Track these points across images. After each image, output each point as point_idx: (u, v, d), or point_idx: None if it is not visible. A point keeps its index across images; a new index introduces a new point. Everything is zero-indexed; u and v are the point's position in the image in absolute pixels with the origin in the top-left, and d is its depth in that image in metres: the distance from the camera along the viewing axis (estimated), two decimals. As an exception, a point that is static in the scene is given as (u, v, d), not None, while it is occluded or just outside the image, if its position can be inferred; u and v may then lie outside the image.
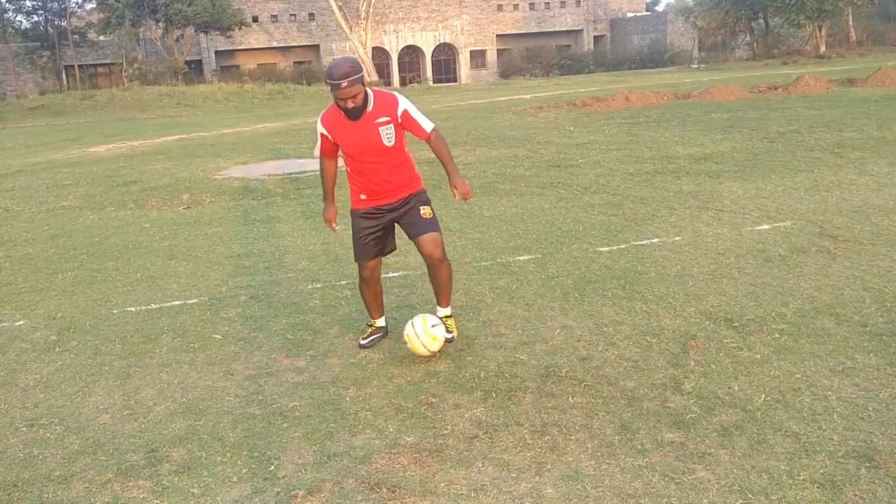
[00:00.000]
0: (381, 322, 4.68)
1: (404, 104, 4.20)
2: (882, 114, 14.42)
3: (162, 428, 3.73)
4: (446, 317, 4.54)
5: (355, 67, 3.98)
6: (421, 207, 4.34)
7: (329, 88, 4.02)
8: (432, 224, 4.34)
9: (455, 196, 4.29)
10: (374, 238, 4.41)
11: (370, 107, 4.11)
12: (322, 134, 4.29)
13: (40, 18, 51.50)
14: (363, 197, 4.36)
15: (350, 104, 4.01)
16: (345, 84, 3.92)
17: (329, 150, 4.37)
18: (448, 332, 4.43)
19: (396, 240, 4.60)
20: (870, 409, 3.47)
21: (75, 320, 5.43)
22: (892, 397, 3.56)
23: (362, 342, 4.57)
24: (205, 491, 3.16)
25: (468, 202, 4.67)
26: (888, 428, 3.29)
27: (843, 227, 6.57)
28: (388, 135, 4.17)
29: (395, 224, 4.44)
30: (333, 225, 4.58)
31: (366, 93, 4.07)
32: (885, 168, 9.07)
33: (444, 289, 4.49)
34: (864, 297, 4.86)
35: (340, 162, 4.46)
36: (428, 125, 4.25)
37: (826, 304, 4.79)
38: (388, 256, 4.70)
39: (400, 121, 4.19)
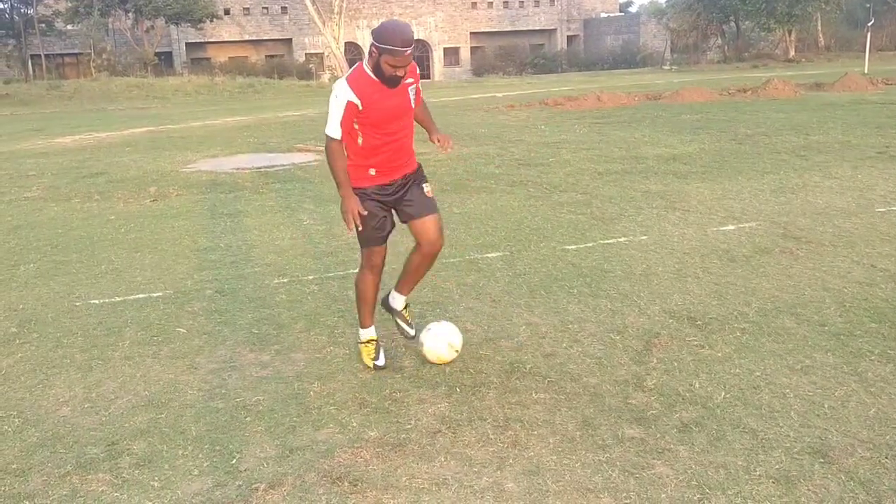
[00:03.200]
0: (372, 331, 4.18)
1: (417, 70, 3.98)
2: (847, 118, 14.67)
3: (123, 421, 3.69)
4: (405, 307, 4.31)
5: (413, 32, 3.73)
6: (424, 185, 4.03)
7: (381, 53, 3.62)
8: (435, 204, 4.07)
9: (438, 147, 4.07)
10: (381, 219, 3.98)
11: None
12: (350, 102, 3.72)
13: (6, 6, 50.57)
14: (373, 172, 3.90)
15: (402, 73, 3.71)
16: (409, 52, 3.62)
17: (350, 126, 3.81)
18: (411, 326, 4.29)
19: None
20: (826, 406, 3.53)
21: (37, 312, 5.35)
22: (847, 395, 3.63)
23: (378, 364, 4.08)
24: (165, 484, 3.14)
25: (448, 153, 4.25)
26: (842, 425, 3.36)
27: (807, 228, 6.68)
28: (412, 96, 3.93)
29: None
30: (357, 218, 3.80)
31: None
32: (849, 171, 9.23)
33: (418, 277, 4.21)
34: (824, 298, 4.95)
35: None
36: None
37: (787, 304, 4.86)
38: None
39: (418, 84, 4.00)
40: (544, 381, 3.93)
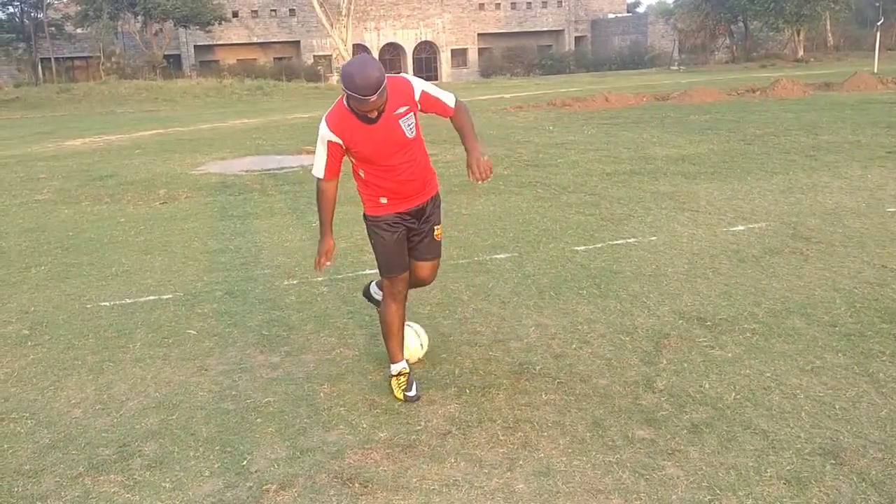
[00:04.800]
0: (405, 365, 3.95)
1: (419, 85, 3.64)
2: (857, 118, 14.61)
3: (134, 422, 3.71)
4: None
5: (382, 72, 3.33)
6: (435, 228, 3.87)
7: (346, 97, 3.42)
8: (438, 248, 3.93)
9: (469, 178, 3.64)
10: (402, 245, 3.83)
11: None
12: (332, 142, 3.57)
13: (16, 10, 50.84)
14: (384, 201, 3.74)
15: (374, 114, 3.44)
16: (374, 98, 3.31)
17: (335, 167, 3.66)
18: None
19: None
20: (837, 407, 3.52)
21: (48, 314, 5.38)
22: (859, 396, 3.62)
23: (409, 395, 3.81)
24: (177, 485, 3.15)
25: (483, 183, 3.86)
26: (854, 426, 3.35)
27: (816, 228, 6.66)
28: (409, 126, 3.60)
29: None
30: (325, 261, 3.84)
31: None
32: (858, 171, 9.19)
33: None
34: (834, 298, 4.93)
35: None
36: (451, 99, 3.72)
37: (797, 305, 4.85)
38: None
39: (420, 106, 3.63)
40: (554, 382, 3.93)
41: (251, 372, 4.24)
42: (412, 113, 3.62)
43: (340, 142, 3.56)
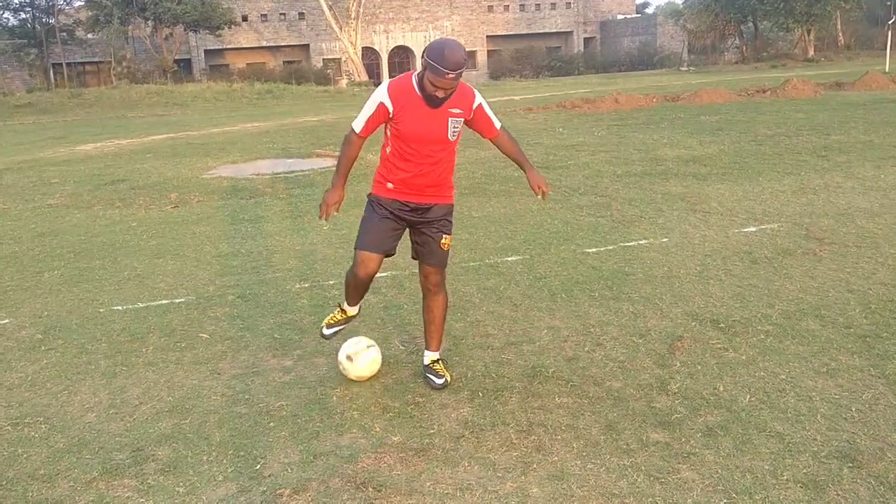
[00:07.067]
0: (354, 310, 4.23)
1: (479, 99, 3.84)
2: (869, 117, 14.53)
3: (148, 427, 3.72)
4: (434, 361, 4.06)
5: (466, 59, 3.55)
6: (444, 236, 3.94)
7: (426, 68, 3.53)
8: (444, 257, 3.97)
9: (537, 194, 3.98)
10: (389, 230, 3.89)
11: None
12: (382, 104, 3.69)
13: (28, 16, 51.17)
14: (390, 186, 3.86)
15: (442, 94, 3.58)
16: (452, 76, 3.48)
17: (372, 127, 3.78)
18: (439, 376, 3.98)
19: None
20: (853, 409, 3.50)
21: (61, 319, 5.40)
22: (875, 398, 3.59)
23: (325, 332, 4.23)
24: (190, 490, 3.15)
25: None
26: (871, 428, 3.32)
27: (829, 229, 6.62)
28: (454, 128, 3.77)
29: (409, 229, 3.99)
30: (331, 211, 3.86)
31: None
32: (871, 171, 9.14)
33: (436, 327, 4.04)
34: (848, 300, 4.90)
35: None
36: (497, 122, 3.95)
37: (811, 306, 4.82)
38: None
39: (472, 116, 3.82)
40: (567, 385, 3.92)
41: (264, 376, 4.24)
42: (463, 119, 3.80)
43: (391, 109, 3.70)
